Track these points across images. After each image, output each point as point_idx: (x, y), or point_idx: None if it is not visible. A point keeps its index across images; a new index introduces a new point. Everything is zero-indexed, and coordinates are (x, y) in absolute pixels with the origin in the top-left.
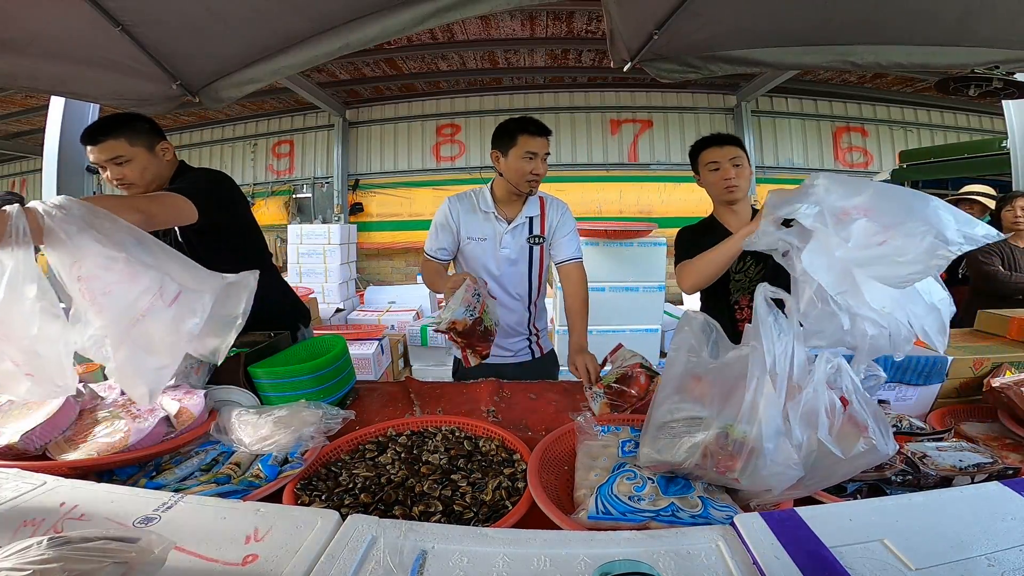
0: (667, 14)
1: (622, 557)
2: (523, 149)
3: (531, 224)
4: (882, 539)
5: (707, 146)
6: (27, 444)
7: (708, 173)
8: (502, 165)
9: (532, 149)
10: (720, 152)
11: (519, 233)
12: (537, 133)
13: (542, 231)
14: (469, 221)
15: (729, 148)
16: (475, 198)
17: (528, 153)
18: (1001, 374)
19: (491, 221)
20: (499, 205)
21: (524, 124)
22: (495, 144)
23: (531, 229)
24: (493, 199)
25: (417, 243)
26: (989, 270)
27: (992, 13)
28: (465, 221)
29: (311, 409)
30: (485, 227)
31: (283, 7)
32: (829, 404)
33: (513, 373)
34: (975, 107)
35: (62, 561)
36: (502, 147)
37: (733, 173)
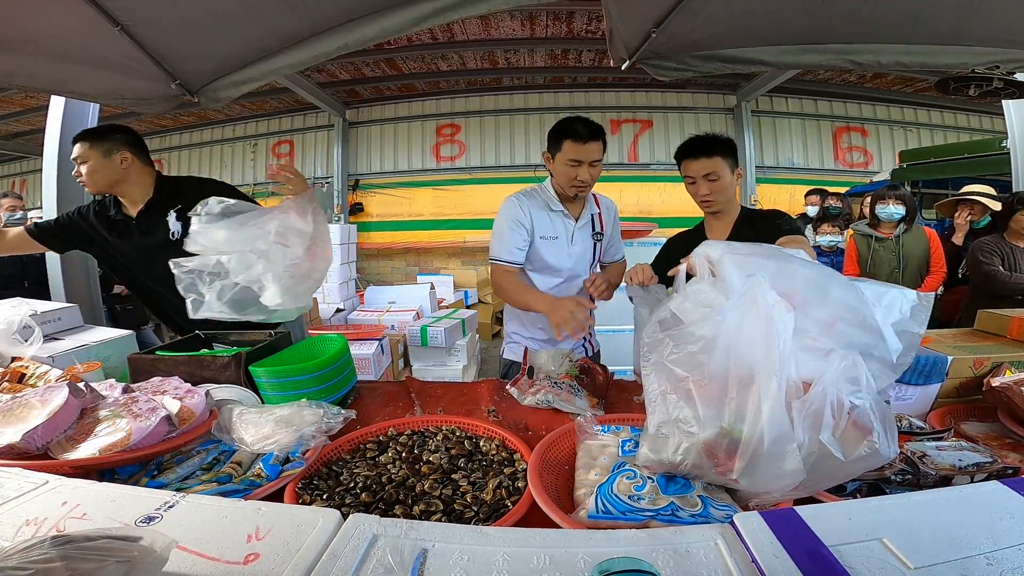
0: (665, 13)
1: (622, 555)
2: (568, 156)
3: (594, 221)
4: (881, 538)
5: (684, 157)
6: (29, 443)
7: (687, 185)
8: (552, 167)
9: (576, 157)
10: (695, 166)
11: (585, 230)
12: (585, 138)
13: (602, 228)
14: (540, 219)
15: (704, 162)
16: (542, 196)
17: (572, 160)
18: (1001, 374)
19: (561, 219)
20: (565, 203)
21: (571, 127)
22: (548, 144)
23: (594, 226)
24: (558, 197)
25: (417, 243)
26: (989, 270)
27: (992, 13)
28: (538, 218)
29: (312, 408)
30: (556, 225)
31: (282, 7)
32: (836, 403)
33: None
34: (975, 107)
35: (64, 560)
36: (551, 149)
37: (707, 189)
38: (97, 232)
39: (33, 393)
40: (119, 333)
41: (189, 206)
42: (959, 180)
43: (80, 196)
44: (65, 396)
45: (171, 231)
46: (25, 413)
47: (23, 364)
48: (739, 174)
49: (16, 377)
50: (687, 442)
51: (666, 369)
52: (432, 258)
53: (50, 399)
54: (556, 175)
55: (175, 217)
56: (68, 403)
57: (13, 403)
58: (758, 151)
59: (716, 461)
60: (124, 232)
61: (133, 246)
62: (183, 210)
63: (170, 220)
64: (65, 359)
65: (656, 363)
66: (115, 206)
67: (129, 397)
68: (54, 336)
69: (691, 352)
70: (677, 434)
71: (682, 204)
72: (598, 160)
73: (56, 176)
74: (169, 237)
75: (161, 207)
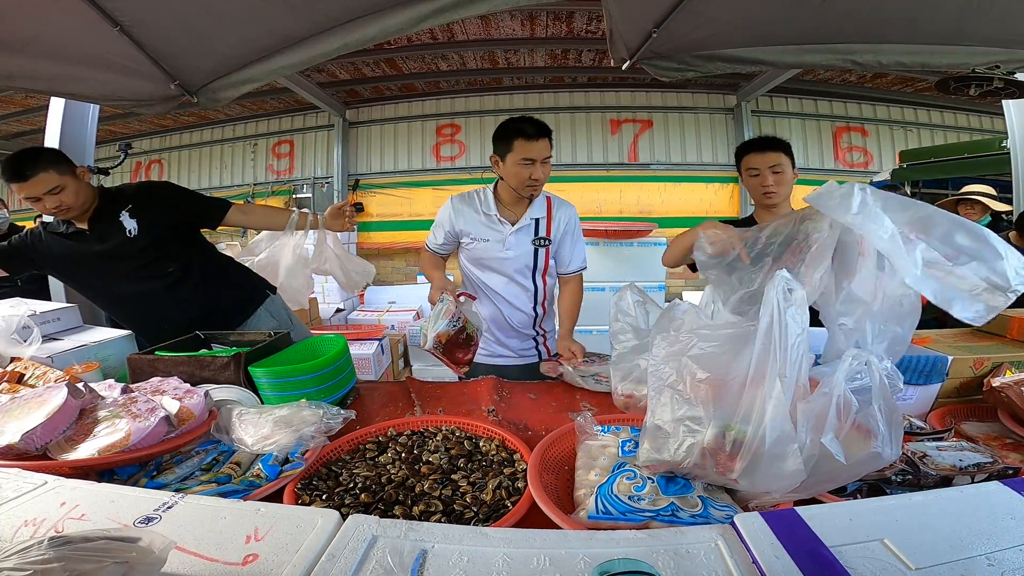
0: (666, 13)
1: (622, 556)
2: (520, 155)
3: (537, 226)
4: (882, 539)
5: (750, 150)
6: (28, 444)
7: (749, 178)
8: (501, 170)
9: (529, 155)
10: (761, 159)
11: (524, 235)
12: (535, 136)
13: (548, 233)
14: (471, 221)
15: (771, 155)
16: (478, 199)
17: (525, 159)
18: (1001, 374)
19: (493, 222)
20: (503, 207)
21: (521, 127)
22: (494, 147)
23: (537, 231)
24: (497, 200)
25: (417, 243)
26: None
27: (992, 13)
28: (467, 221)
29: (311, 409)
30: (488, 229)
31: (281, 7)
32: (843, 404)
33: (518, 375)
34: (975, 107)
35: (63, 561)
36: (500, 151)
37: (771, 180)
38: (51, 252)
39: (32, 393)
40: (118, 333)
41: (139, 204)
42: (959, 180)
43: None
44: (64, 396)
45: (127, 229)
46: (24, 413)
47: (22, 365)
48: (796, 175)
49: (15, 377)
50: (690, 441)
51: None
52: None
53: (49, 399)
54: (507, 177)
55: (128, 215)
56: (67, 404)
57: (12, 403)
58: None
59: (718, 460)
60: (80, 243)
61: (93, 254)
62: (134, 208)
63: (123, 219)
64: (64, 359)
65: (670, 359)
66: (64, 222)
67: (128, 397)
68: (53, 336)
69: (715, 353)
70: (681, 433)
71: (682, 204)
72: (548, 157)
73: None
74: (127, 235)
75: (110, 211)
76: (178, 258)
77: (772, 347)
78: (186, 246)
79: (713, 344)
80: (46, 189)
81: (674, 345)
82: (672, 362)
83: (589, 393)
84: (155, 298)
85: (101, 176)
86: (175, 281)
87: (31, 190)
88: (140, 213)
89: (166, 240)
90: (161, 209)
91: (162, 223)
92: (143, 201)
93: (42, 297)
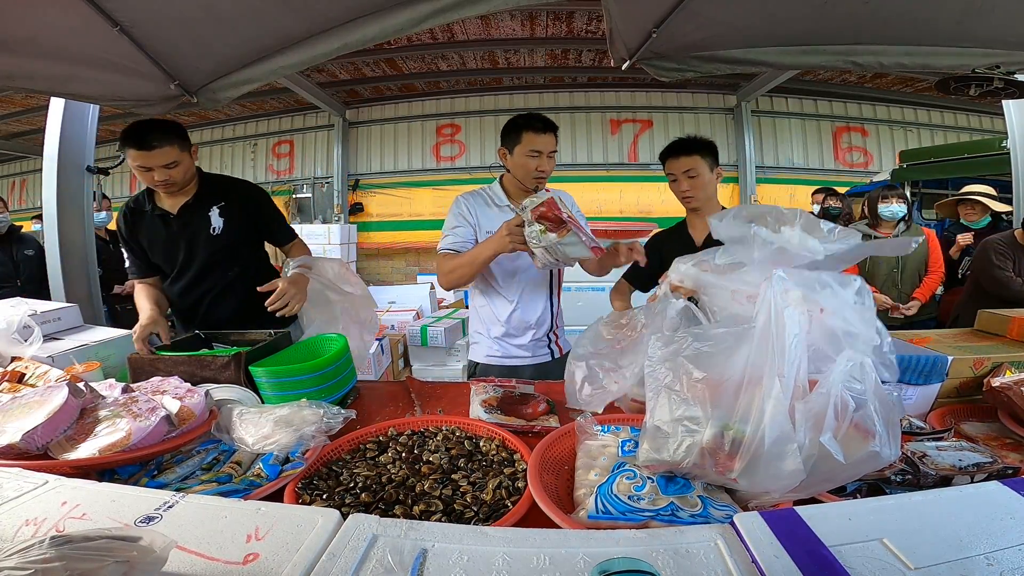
0: (665, 13)
1: (621, 556)
2: (528, 147)
3: None
4: (881, 538)
5: (667, 156)
6: (28, 443)
7: (671, 183)
8: (509, 162)
9: (536, 147)
10: (676, 164)
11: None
12: (542, 130)
13: None
14: (484, 215)
15: (684, 159)
16: (487, 194)
17: (532, 151)
18: (1001, 374)
19: (506, 215)
20: (512, 200)
21: (530, 120)
22: (503, 141)
23: None
24: (505, 194)
25: (418, 243)
26: (1003, 276)
27: (992, 14)
28: (481, 215)
29: (312, 408)
30: (501, 221)
31: (282, 7)
32: (840, 405)
33: (531, 374)
34: (975, 107)
35: (64, 560)
36: (509, 144)
37: (686, 185)
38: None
39: (33, 393)
40: (119, 333)
41: (231, 204)
42: (959, 180)
43: (80, 197)
44: (65, 396)
45: (213, 226)
46: (25, 413)
47: (23, 364)
48: (719, 173)
49: (16, 377)
50: (690, 441)
51: (681, 366)
52: (432, 258)
53: (50, 399)
54: (515, 168)
55: (218, 213)
56: (68, 403)
57: (13, 403)
58: (758, 151)
59: (717, 460)
60: (164, 226)
61: (172, 239)
62: (226, 207)
63: (212, 215)
64: (64, 359)
65: (666, 359)
66: (149, 202)
67: (129, 397)
68: (54, 336)
69: (710, 353)
70: (680, 433)
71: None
72: (554, 151)
73: (56, 176)
74: (210, 232)
75: (203, 203)
76: (241, 262)
77: (770, 346)
78: (252, 252)
79: (710, 343)
80: (165, 162)
81: (671, 345)
82: (669, 362)
83: None
84: (209, 294)
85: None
86: (231, 282)
87: (150, 160)
88: (229, 213)
89: (239, 244)
90: (248, 215)
91: (243, 228)
92: (236, 202)
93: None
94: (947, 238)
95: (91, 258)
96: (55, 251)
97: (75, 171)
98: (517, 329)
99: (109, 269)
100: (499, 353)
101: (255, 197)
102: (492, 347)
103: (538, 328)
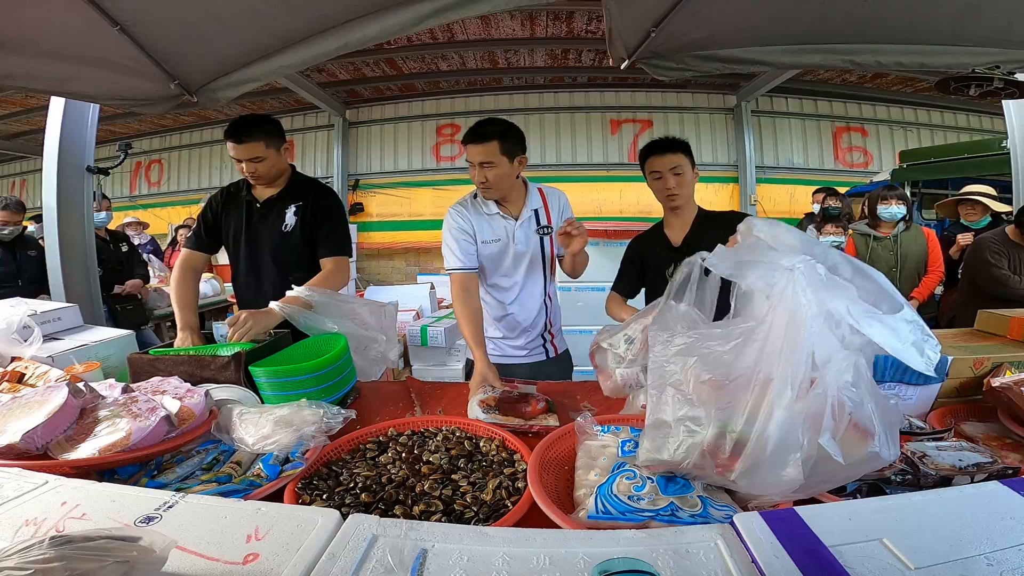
0: (665, 12)
1: (621, 556)
2: (467, 159)
3: (537, 216)
4: (881, 538)
5: (651, 153)
6: (28, 443)
7: (652, 181)
8: None
9: (469, 159)
10: (661, 161)
11: (528, 227)
12: (470, 140)
13: (548, 221)
14: (479, 224)
15: (671, 156)
16: (477, 203)
17: (469, 162)
18: (1001, 374)
19: (498, 221)
20: (501, 204)
21: (467, 133)
22: None
23: (538, 220)
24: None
25: (417, 243)
26: (1001, 275)
27: (992, 13)
28: (477, 224)
29: (312, 408)
30: (496, 228)
31: (281, 7)
32: (837, 405)
33: (527, 373)
34: (975, 107)
35: (64, 560)
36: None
37: (673, 183)
38: (223, 211)
39: (33, 393)
40: (119, 333)
41: (307, 205)
42: (959, 180)
43: (80, 197)
44: (64, 396)
45: (285, 223)
46: (25, 413)
47: (23, 364)
48: (696, 174)
49: (16, 377)
50: (690, 441)
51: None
52: (432, 258)
53: (49, 399)
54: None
55: (293, 212)
56: (67, 403)
57: (13, 403)
58: (758, 151)
59: (717, 461)
60: (247, 213)
61: (249, 225)
62: (303, 206)
63: (288, 213)
64: (64, 359)
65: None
66: (247, 188)
67: (129, 397)
68: (54, 336)
69: (715, 353)
70: (681, 433)
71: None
72: (487, 162)
73: (56, 176)
74: (283, 228)
75: (286, 200)
76: (304, 268)
77: (779, 349)
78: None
79: (714, 344)
80: (250, 156)
81: (673, 345)
82: (672, 362)
83: (590, 393)
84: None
85: (101, 176)
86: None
87: (239, 152)
88: (303, 213)
89: (306, 244)
90: (316, 217)
91: (308, 231)
92: (311, 204)
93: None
94: (947, 238)
95: (91, 258)
96: (55, 251)
97: (75, 171)
98: (512, 329)
99: (109, 269)
100: (495, 352)
101: (324, 200)
102: (488, 346)
103: (533, 328)
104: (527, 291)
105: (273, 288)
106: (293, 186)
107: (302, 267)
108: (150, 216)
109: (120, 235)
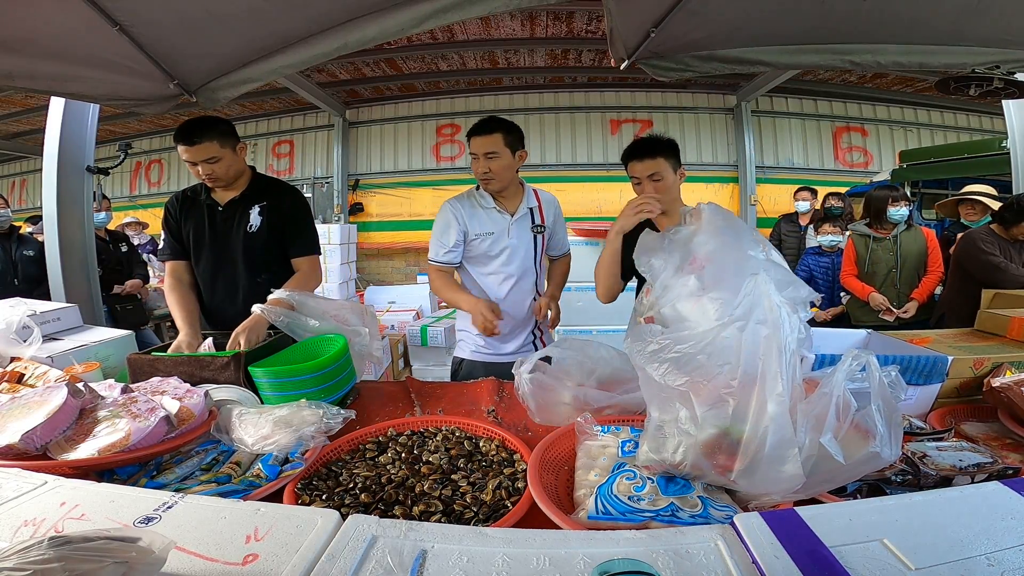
0: (665, 12)
1: (621, 556)
2: (471, 151)
3: (533, 215)
4: (882, 539)
5: (629, 159)
6: (28, 444)
7: (634, 186)
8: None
9: (473, 150)
10: (640, 167)
11: (523, 223)
12: (475, 133)
13: (542, 221)
14: (474, 218)
15: (648, 162)
16: (474, 196)
17: (472, 154)
18: (1001, 374)
19: (494, 215)
20: (498, 199)
21: (472, 128)
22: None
23: (533, 219)
24: (491, 196)
25: (417, 243)
26: (996, 262)
27: (992, 13)
28: (471, 218)
29: (311, 409)
30: (490, 222)
31: (281, 7)
32: (843, 405)
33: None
34: (975, 107)
35: (63, 561)
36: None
37: (651, 189)
38: (179, 215)
39: (32, 393)
40: (118, 333)
41: (272, 205)
42: (959, 180)
43: (80, 197)
44: (64, 396)
45: (251, 224)
46: (24, 413)
47: (22, 364)
48: (682, 174)
49: (15, 377)
50: (689, 442)
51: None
52: None
53: (49, 399)
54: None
55: (258, 212)
56: (67, 403)
57: (12, 403)
58: (758, 151)
59: (715, 462)
60: (207, 215)
61: (212, 229)
62: (266, 207)
63: (252, 214)
64: (64, 359)
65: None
66: (205, 191)
67: (128, 397)
68: (53, 336)
69: (690, 353)
70: (677, 433)
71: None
72: (492, 152)
73: (56, 176)
74: (247, 229)
75: (249, 200)
76: (274, 268)
77: (769, 347)
78: (283, 262)
79: (707, 344)
80: (205, 157)
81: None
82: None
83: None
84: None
85: (101, 176)
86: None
87: (192, 155)
88: (268, 213)
89: (272, 245)
90: (282, 216)
91: (277, 230)
92: (276, 203)
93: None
94: (947, 238)
95: (91, 258)
96: (55, 251)
97: (75, 171)
98: (502, 328)
99: (109, 269)
100: (484, 350)
101: (289, 199)
102: (478, 344)
103: (523, 327)
104: (518, 288)
105: (244, 291)
106: (255, 186)
107: (271, 267)
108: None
109: (120, 235)
